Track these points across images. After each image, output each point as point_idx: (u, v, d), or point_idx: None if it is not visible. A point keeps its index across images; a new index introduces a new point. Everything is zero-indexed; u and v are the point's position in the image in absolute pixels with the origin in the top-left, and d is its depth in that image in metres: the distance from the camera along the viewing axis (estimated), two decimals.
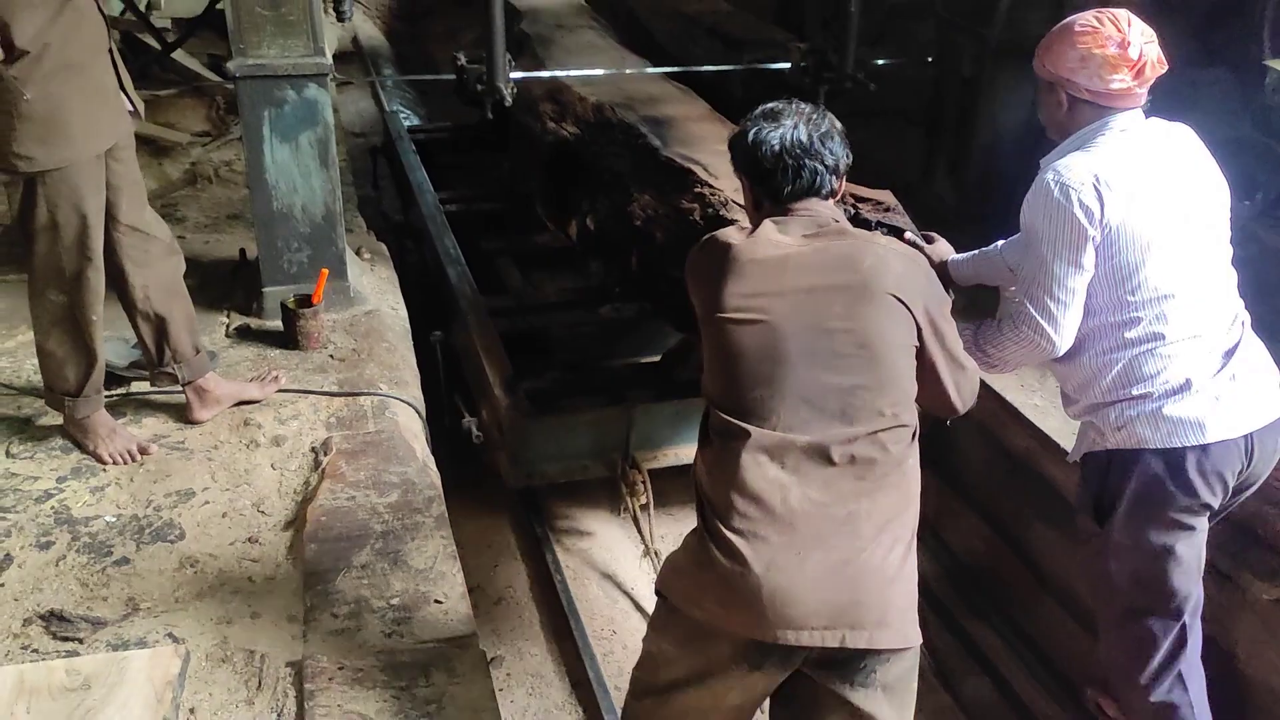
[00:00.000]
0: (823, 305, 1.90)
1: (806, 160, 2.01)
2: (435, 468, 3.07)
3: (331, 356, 3.50)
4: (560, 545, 3.76)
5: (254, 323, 3.67)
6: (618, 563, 3.72)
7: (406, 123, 6.48)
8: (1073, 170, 2.17)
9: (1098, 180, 2.15)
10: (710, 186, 3.18)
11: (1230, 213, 2.30)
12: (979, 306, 2.80)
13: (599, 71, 4.27)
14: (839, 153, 2.05)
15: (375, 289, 3.94)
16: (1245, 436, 2.20)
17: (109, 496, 2.81)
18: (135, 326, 2.99)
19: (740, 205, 2.71)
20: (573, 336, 3.98)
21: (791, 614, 1.78)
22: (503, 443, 3.35)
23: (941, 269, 2.57)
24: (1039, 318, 2.24)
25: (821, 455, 1.84)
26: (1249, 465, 2.23)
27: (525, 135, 4.50)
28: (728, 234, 2.05)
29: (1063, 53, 2.19)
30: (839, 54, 4.34)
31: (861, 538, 1.82)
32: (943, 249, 2.63)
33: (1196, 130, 2.33)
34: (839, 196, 2.11)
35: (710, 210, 3.03)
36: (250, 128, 3.46)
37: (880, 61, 4.75)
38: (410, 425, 3.22)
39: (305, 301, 3.52)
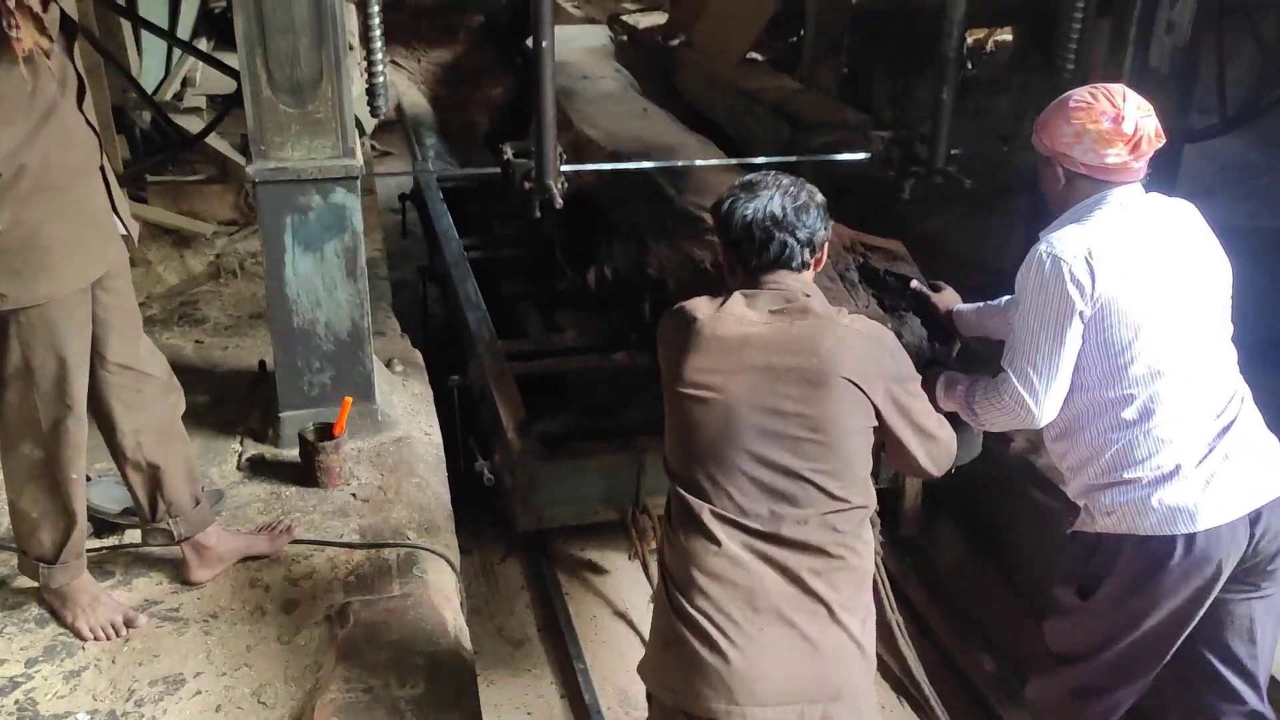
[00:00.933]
0: (777, 387, 1.91)
1: (776, 233, 2.01)
2: (469, 641, 2.62)
3: (354, 495, 3.07)
4: (572, 588, 3.75)
5: (269, 452, 3.25)
6: (630, 606, 3.69)
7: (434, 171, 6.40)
8: (1066, 243, 2.16)
9: (1090, 254, 2.13)
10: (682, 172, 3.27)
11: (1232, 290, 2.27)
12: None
13: (651, 164, 3.85)
14: (814, 225, 2.04)
15: (407, 409, 3.52)
16: (1246, 517, 2.14)
17: (85, 685, 2.38)
18: (125, 477, 2.59)
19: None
20: (588, 382, 3.94)
21: (756, 691, 1.84)
22: (514, 486, 3.30)
23: (947, 317, 2.68)
24: (1020, 387, 2.22)
25: (774, 537, 1.89)
26: (1255, 544, 2.16)
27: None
28: (695, 305, 2.05)
29: (1058, 128, 2.20)
30: (929, 144, 3.89)
31: (819, 615, 1.88)
32: (949, 298, 2.71)
33: None
34: (818, 267, 2.10)
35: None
36: (270, 236, 3.07)
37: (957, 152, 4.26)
38: (441, 584, 2.77)
39: (326, 432, 3.11)
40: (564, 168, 3.44)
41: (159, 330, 4.06)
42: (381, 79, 3.11)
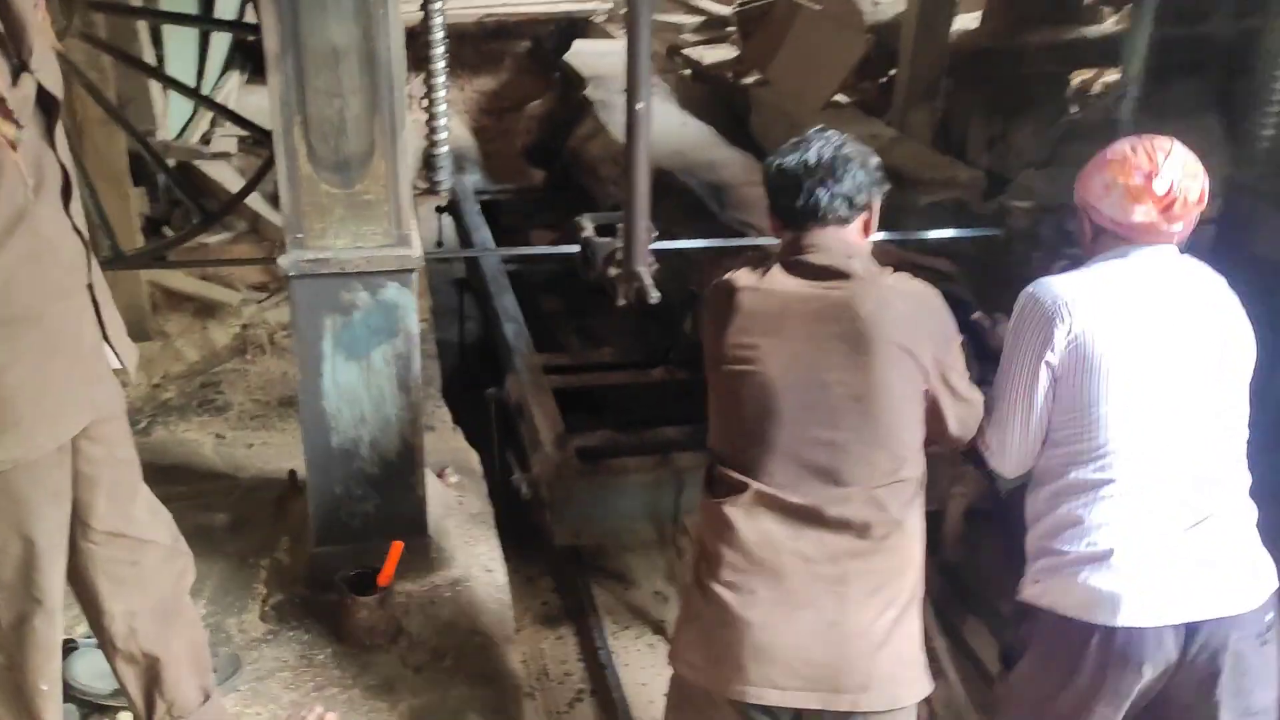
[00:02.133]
0: (819, 357, 1.87)
1: (807, 181, 1.93)
2: None
3: (403, 662, 2.50)
4: (609, 606, 3.56)
5: (300, 596, 2.68)
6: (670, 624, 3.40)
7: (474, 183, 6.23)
8: (1049, 285, 2.08)
9: (1070, 299, 2.02)
10: (761, 249, 3.04)
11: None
12: None
13: (745, 241, 3.32)
14: (858, 178, 1.94)
15: (464, 537, 2.94)
16: (1178, 628, 1.95)
17: None
18: (115, 669, 2.02)
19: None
20: (626, 397, 3.85)
21: (772, 673, 1.81)
22: (551, 500, 3.18)
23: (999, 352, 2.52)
24: (987, 427, 2.14)
25: (814, 515, 1.84)
26: (1189, 659, 1.97)
27: (587, 197, 4.67)
28: (736, 277, 1.99)
29: (1091, 178, 2.10)
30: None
31: (850, 600, 1.83)
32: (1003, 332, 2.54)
33: None
34: (868, 232, 2.00)
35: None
36: (306, 341, 2.51)
37: None
38: None
39: (369, 580, 2.53)
40: (654, 245, 2.86)
41: (175, 421, 3.51)
42: (445, 149, 2.55)
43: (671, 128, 4.77)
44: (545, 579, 3.70)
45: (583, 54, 6.29)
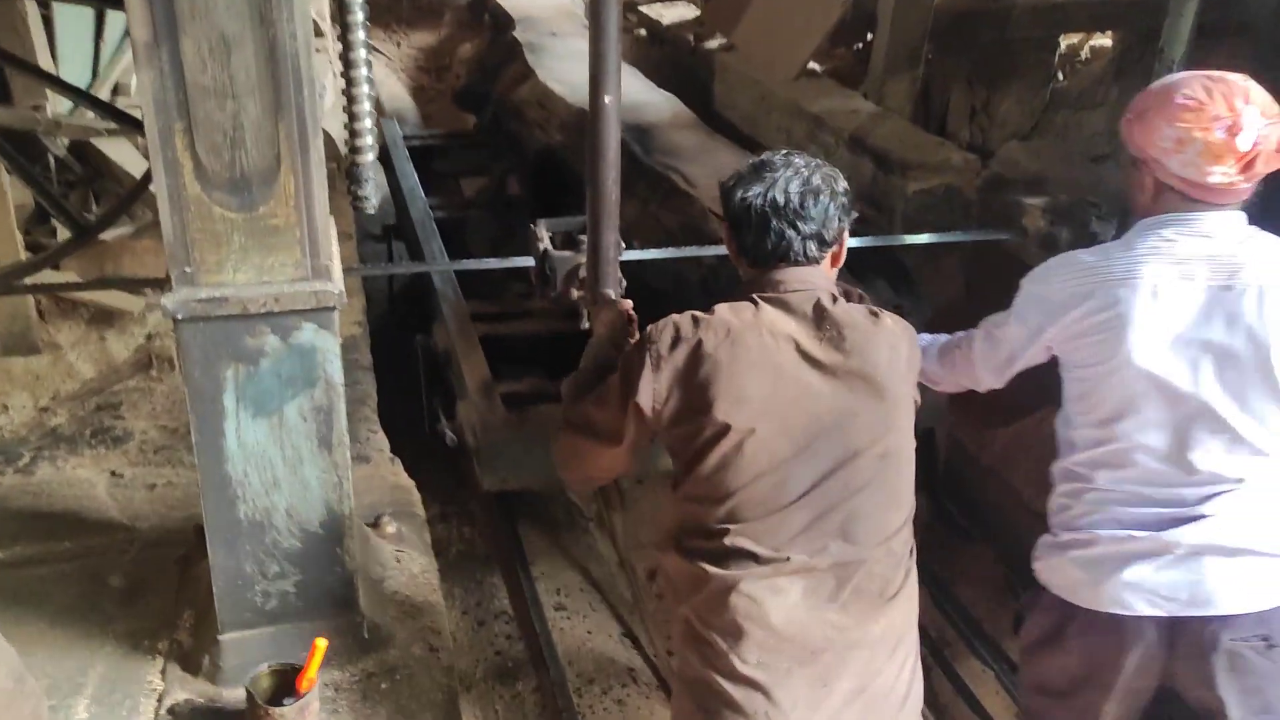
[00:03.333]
0: (835, 410, 1.74)
1: (775, 221, 1.79)
2: None
3: None
4: (537, 550, 3.67)
5: (204, 693, 2.24)
6: (597, 567, 3.65)
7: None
8: (1100, 264, 1.92)
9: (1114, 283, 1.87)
10: (688, 196, 3.25)
11: None
12: None
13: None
14: (829, 212, 1.80)
15: (403, 606, 2.51)
16: (1158, 620, 1.92)
17: None
18: None
19: (717, 215, 2.99)
20: (555, 344, 3.74)
21: None
22: (477, 447, 3.18)
23: None
24: (977, 334, 2.13)
25: (840, 580, 1.75)
26: (1172, 654, 1.94)
27: (514, 141, 4.93)
28: (712, 323, 1.76)
29: (1156, 128, 1.85)
30: (1099, 213, 2.90)
31: (876, 661, 1.77)
32: None
33: None
34: (836, 263, 1.88)
35: (687, 220, 3.06)
36: (202, 396, 2.04)
37: None
38: None
39: (287, 681, 2.10)
40: (626, 254, 2.44)
41: (63, 455, 3.03)
42: (370, 157, 2.07)
43: None
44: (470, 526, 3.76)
45: None
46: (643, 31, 6.36)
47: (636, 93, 4.59)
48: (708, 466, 1.75)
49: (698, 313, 1.80)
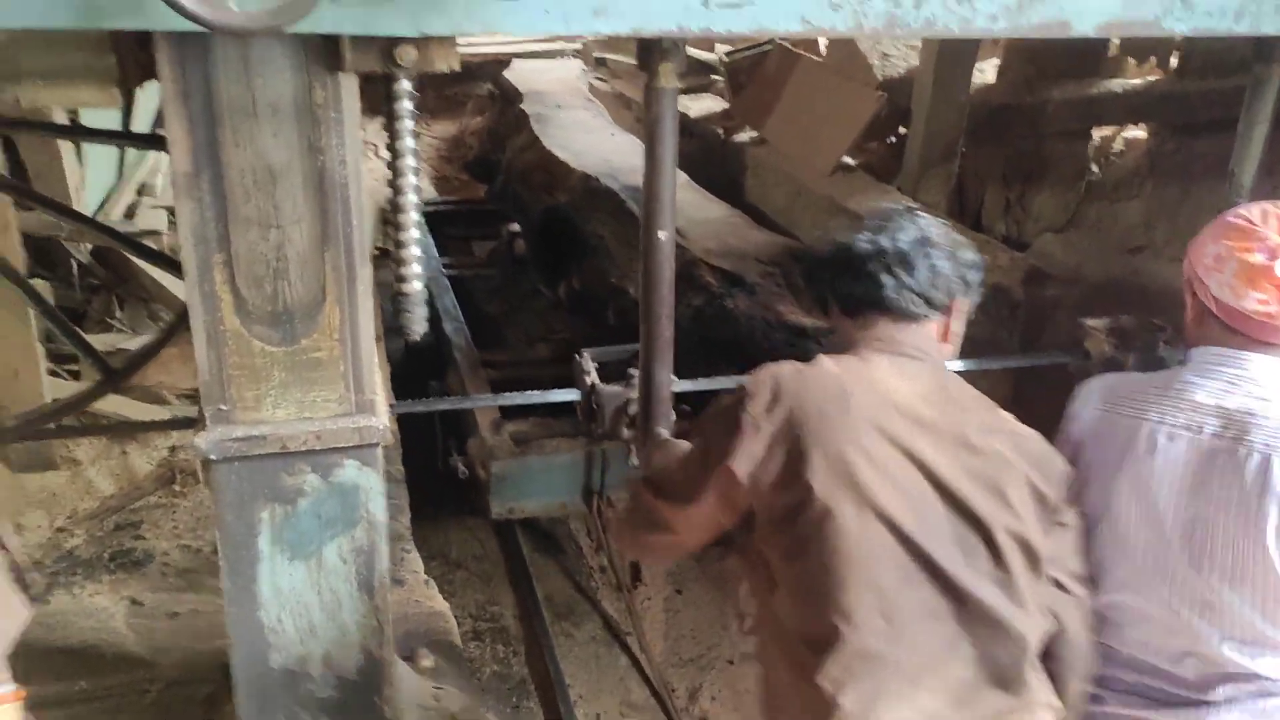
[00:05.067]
0: (959, 486, 1.52)
1: (878, 265, 1.65)
2: None
3: None
4: (574, 663, 3.61)
5: None
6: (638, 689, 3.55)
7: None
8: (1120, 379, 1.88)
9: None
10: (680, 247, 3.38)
11: None
12: None
13: None
14: (942, 271, 1.65)
15: None
16: None
17: None
18: None
19: (706, 263, 3.64)
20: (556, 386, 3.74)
21: None
22: (487, 478, 3.31)
23: None
24: None
25: (975, 687, 1.49)
26: None
27: (521, 206, 5.24)
28: (826, 371, 1.57)
29: (1203, 244, 1.76)
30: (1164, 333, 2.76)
31: None
32: None
33: None
34: (946, 339, 1.71)
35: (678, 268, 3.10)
36: (234, 540, 1.90)
37: None
38: None
39: None
40: (677, 385, 2.30)
41: (80, 581, 2.87)
42: (418, 285, 1.95)
43: (602, 140, 5.30)
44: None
45: (520, 70, 6.88)
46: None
47: (635, 156, 4.99)
48: (814, 548, 1.50)
49: (800, 364, 1.62)
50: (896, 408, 1.55)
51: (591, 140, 5.26)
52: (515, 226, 5.58)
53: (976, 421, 1.59)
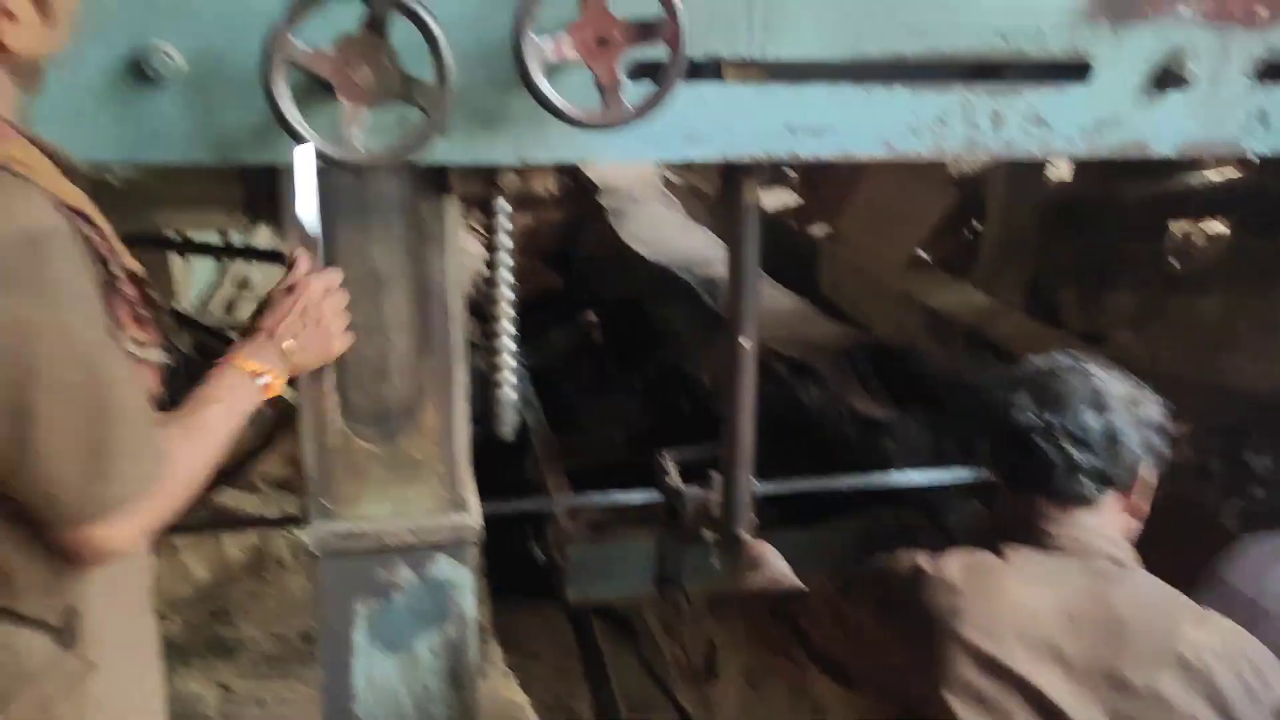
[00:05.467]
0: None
1: (1042, 439, 1.40)
2: None
3: None
4: (619, 664, 3.70)
5: None
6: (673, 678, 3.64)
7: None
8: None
9: None
10: None
11: None
12: None
13: None
14: (1122, 442, 1.39)
15: None
16: None
17: None
18: None
19: (779, 354, 3.75)
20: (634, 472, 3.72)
21: None
22: (564, 564, 3.38)
23: None
24: None
25: None
26: None
27: (597, 296, 5.45)
28: (951, 576, 1.39)
29: None
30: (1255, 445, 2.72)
31: None
32: None
33: None
34: (1135, 514, 1.46)
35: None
36: (333, 632, 1.97)
37: None
38: None
39: None
40: (760, 487, 2.34)
41: (175, 667, 2.95)
42: (510, 389, 2.04)
43: (676, 233, 5.48)
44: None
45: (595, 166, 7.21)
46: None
47: (707, 248, 5.12)
48: None
49: (922, 561, 1.46)
50: (1021, 633, 1.35)
51: (666, 233, 5.42)
52: (591, 315, 5.71)
53: (1140, 648, 1.33)
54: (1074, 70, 1.60)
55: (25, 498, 1.10)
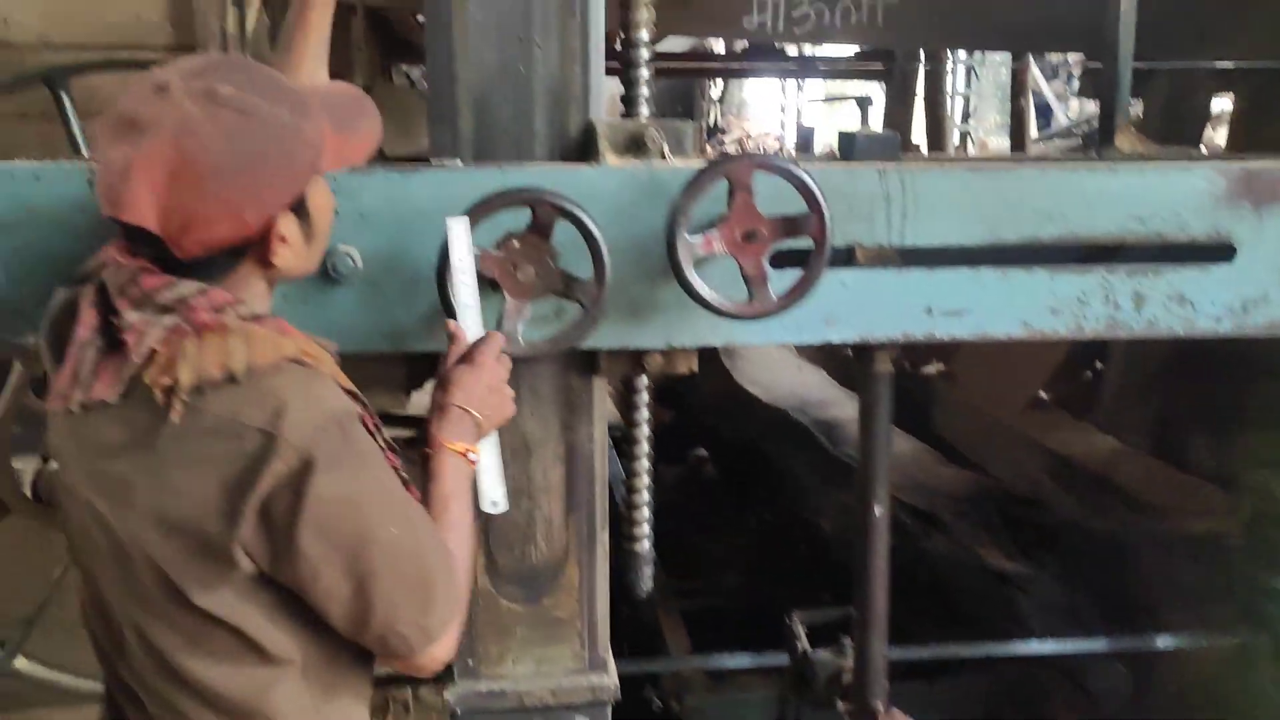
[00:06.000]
0: None
1: None
2: None
3: None
4: None
5: None
6: None
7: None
8: None
9: None
10: None
11: None
12: None
13: None
14: None
15: None
16: None
17: None
18: None
19: (901, 502, 3.73)
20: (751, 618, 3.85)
21: None
22: (681, 711, 3.33)
23: None
24: None
25: None
26: None
27: (711, 434, 5.48)
28: None
29: None
30: None
31: None
32: None
33: None
34: None
35: None
36: None
37: None
38: None
39: None
40: (894, 653, 2.31)
41: None
42: (647, 545, 2.09)
43: (790, 374, 5.63)
44: None
45: None
46: (849, 351, 6.50)
47: (822, 390, 5.28)
48: None
49: None
50: None
51: (780, 374, 5.53)
52: (702, 452, 5.75)
53: None
54: (1217, 251, 1.62)
55: (370, 643, 1.25)
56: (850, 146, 1.86)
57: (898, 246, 1.63)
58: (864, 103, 7.42)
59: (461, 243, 1.46)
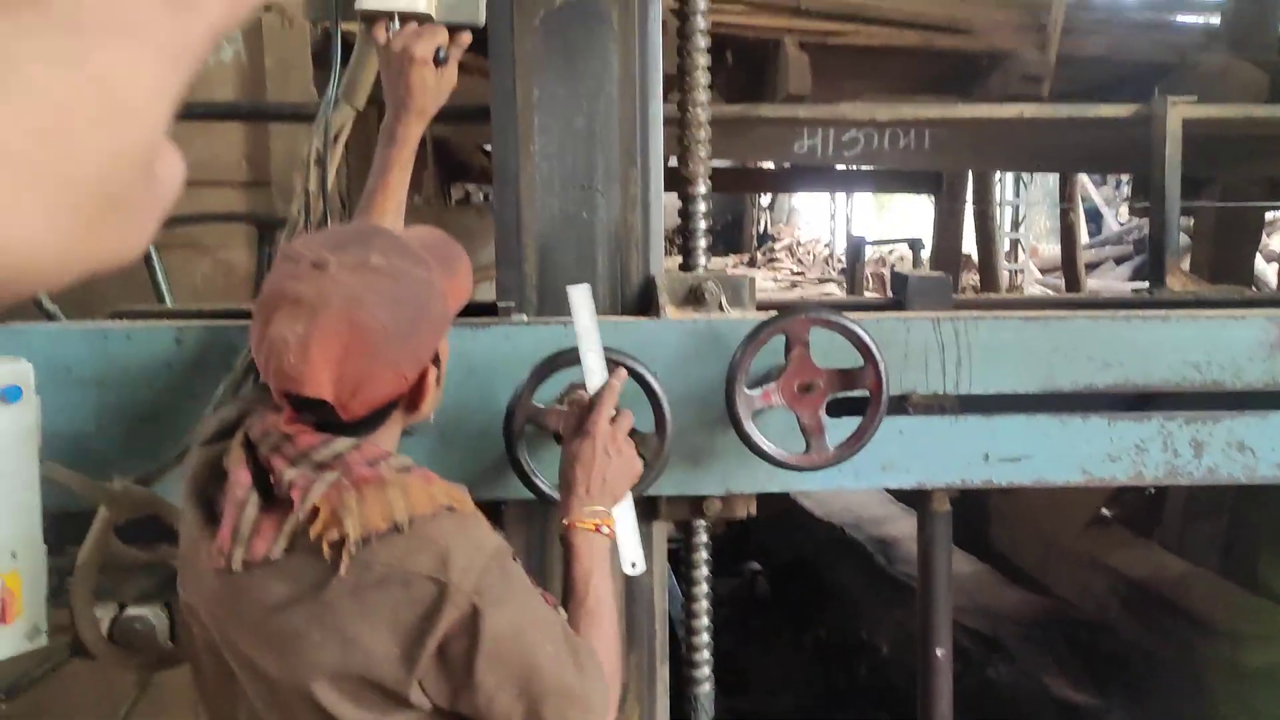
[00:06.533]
0: None
1: None
2: None
3: None
4: None
5: None
6: None
7: None
8: None
9: None
10: None
11: None
12: None
13: None
14: None
15: None
16: None
17: None
18: None
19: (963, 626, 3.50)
20: None
21: None
22: None
23: None
24: None
25: None
26: None
27: (764, 549, 5.48)
28: None
29: None
30: None
31: None
32: None
33: None
34: None
35: None
36: None
37: None
38: None
39: None
40: None
41: None
42: (709, 687, 2.08)
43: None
44: None
45: None
46: None
47: (876, 506, 5.20)
48: None
49: None
50: None
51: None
52: (755, 565, 5.73)
53: None
54: (1276, 398, 1.63)
55: None
56: (903, 288, 1.90)
57: (953, 394, 1.65)
58: (915, 245, 7.60)
59: (584, 309, 1.47)
